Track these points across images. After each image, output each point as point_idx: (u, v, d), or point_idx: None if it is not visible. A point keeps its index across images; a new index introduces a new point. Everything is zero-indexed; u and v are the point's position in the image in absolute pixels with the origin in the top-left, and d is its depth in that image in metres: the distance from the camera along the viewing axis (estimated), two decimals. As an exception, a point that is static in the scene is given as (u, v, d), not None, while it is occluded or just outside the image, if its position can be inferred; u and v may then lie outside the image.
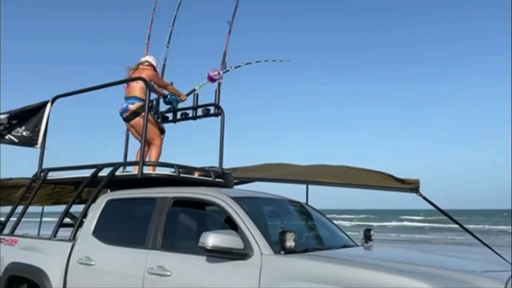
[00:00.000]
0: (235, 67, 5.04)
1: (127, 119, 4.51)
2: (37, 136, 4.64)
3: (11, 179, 5.25)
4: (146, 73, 4.53)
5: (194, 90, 4.99)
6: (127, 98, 4.52)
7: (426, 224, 35.22)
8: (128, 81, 4.51)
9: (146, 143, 4.54)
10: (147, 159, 4.26)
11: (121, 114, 4.55)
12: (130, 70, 4.69)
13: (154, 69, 4.81)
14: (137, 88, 4.47)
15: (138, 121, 4.42)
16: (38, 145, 4.66)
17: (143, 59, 4.81)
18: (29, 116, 4.66)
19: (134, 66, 4.72)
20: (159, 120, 4.84)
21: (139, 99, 4.46)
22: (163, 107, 5.03)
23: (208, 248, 2.68)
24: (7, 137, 4.65)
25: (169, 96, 4.88)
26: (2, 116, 4.59)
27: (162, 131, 4.63)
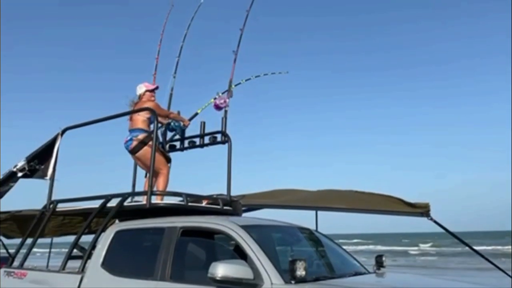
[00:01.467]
0: (235, 85, 5.09)
1: (132, 152, 4.56)
2: (48, 168, 4.70)
3: (20, 211, 5.28)
4: (149, 104, 4.61)
5: (197, 113, 5.04)
6: (131, 130, 4.58)
7: (439, 248, 34.40)
8: (134, 112, 4.58)
9: (154, 174, 4.57)
10: (154, 189, 4.27)
11: (126, 147, 4.60)
12: (132, 104, 4.76)
13: (153, 92, 4.86)
14: (140, 120, 4.54)
15: (143, 152, 4.47)
16: (48, 177, 4.70)
17: (140, 91, 4.82)
18: (43, 152, 4.78)
19: (136, 100, 4.78)
20: (164, 149, 4.87)
21: (143, 130, 4.53)
22: (170, 136, 5.09)
23: (218, 279, 2.65)
24: (21, 174, 4.76)
25: (172, 123, 4.92)
26: (20, 164, 4.72)
27: (168, 160, 4.66)
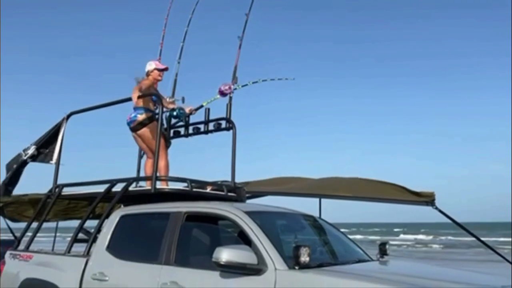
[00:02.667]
0: (243, 86, 5.06)
1: (134, 129, 4.55)
2: (53, 152, 4.72)
3: (26, 195, 5.32)
4: (145, 83, 4.53)
5: (202, 106, 5.03)
6: (135, 108, 4.56)
7: (443, 238, 34.50)
8: (140, 97, 4.56)
9: (153, 155, 4.57)
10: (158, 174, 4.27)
11: (128, 124, 4.58)
12: (139, 80, 4.71)
13: (161, 72, 4.80)
14: (145, 99, 4.50)
15: (145, 131, 4.47)
16: (53, 161, 4.72)
17: (149, 68, 4.77)
18: (51, 137, 4.80)
19: (143, 77, 4.72)
20: (167, 133, 4.86)
21: (147, 109, 4.51)
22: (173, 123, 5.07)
23: (222, 263, 2.66)
24: (29, 160, 4.78)
25: (177, 110, 4.89)
26: (31, 151, 4.74)
27: (168, 145, 4.66)
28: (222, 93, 4.95)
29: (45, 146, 4.79)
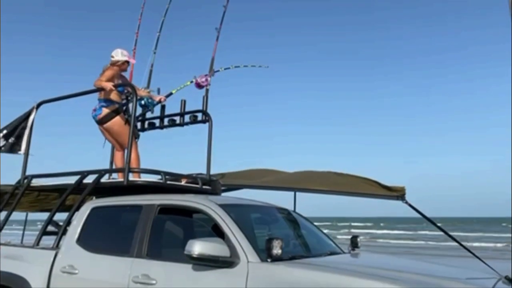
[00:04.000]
0: (215, 72, 5.03)
1: (100, 122, 4.45)
2: (21, 142, 4.57)
3: None
4: (109, 72, 4.40)
5: (171, 93, 4.97)
6: (100, 100, 4.45)
7: (415, 232, 35.41)
8: (115, 86, 4.46)
9: (121, 147, 4.49)
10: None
11: (93, 117, 4.47)
12: (105, 68, 4.56)
13: (127, 63, 4.68)
14: (111, 90, 4.38)
15: (112, 124, 4.39)
16: (22, 152, 4.58)
17: (114, 58, 4.60)
18: (15, 125, 4.61)
19: (106, 67, 4.56)
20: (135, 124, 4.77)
21: (113, 102, 4.42)
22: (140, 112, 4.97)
23: (194, 256, 2.65)
24: None
25: (145, 99, 4.80)
26: None
27: (136, 136, 4.59)
28: (199, 85, 4.90)
29: (11, 136, 4.61)
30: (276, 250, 2.71)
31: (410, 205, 3.91)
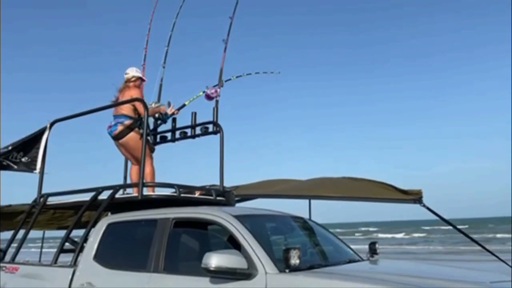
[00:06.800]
0: (226, 81, 5.05)
1: (116, 138, 4.50)
2: (36, 161, 4.61)
3: (10, 205, 5.21)
4: (136, 92, 4.54)
5: (184, 105, 5.00)
6: (115, 116, 4.51)
7: (434, 235, 34.74)
8: (126, 102, 4.51)
9: (137, 162, 4.51)
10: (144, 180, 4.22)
11: (109, 133, 4.53)
12: (120, 87, 4.68)
13: (141, 80, 4.82)
14: (126, 106, 4.46)
15: (127, 139, 4.43)
16: (37, 170, 4.63)
17: (129, 75, 4.76)
18: (29, 144, 4.66)
19: (122, 85, 4.71)
20: (150, 138, 4.82)
21: (128, 117, 4.46)
22: (162, 127, 5.03)
23: (212, 269, 2.63)
24: (5, 163, 4.63)
25: (157, 114, 4.86)
26: (3, 151, 4.61)
27: (152, 150, 4.63)
28: (209, 97, 4.92)
29: (24, 154, 4.65)
30: (294, 260, 2.67)
31: (428, 208, 3.84)
